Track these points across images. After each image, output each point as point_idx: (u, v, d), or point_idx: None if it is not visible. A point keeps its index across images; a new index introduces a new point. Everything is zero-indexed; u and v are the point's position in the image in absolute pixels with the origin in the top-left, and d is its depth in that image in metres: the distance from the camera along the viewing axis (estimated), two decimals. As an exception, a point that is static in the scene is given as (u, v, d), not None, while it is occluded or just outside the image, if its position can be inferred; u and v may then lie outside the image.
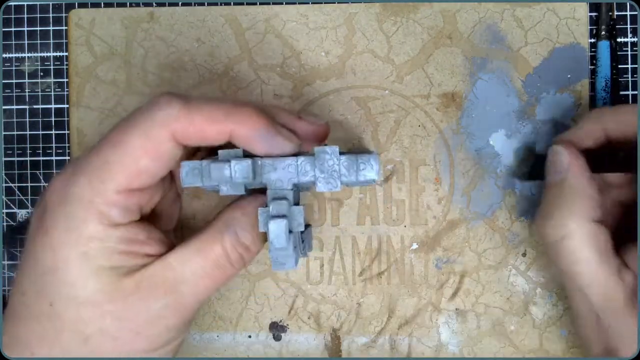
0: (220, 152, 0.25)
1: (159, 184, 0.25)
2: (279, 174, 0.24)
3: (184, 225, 0.32)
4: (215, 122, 0.23)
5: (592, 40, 0.32)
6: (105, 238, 0.23)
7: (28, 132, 0.33)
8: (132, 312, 0.23)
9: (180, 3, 0.32)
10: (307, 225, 0.29)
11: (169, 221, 0.29)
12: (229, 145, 0.25)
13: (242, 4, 0.33)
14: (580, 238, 0.25)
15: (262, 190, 0.25)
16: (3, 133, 0.33)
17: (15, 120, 0.33)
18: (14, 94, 0.33)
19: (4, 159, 0.33)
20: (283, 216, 0.24)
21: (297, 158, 0.24)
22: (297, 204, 0.25)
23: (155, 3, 0.33)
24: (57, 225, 0.23)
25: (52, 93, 0.33)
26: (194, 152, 0.27)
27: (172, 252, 0.24)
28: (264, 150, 0.24)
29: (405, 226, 0.32)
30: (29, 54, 0.33)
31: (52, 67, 0.33)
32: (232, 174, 0.24)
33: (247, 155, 0.25)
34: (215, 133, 0.23)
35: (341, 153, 0.24)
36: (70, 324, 0.23)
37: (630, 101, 0.32)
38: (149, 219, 0.26)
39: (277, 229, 0.23)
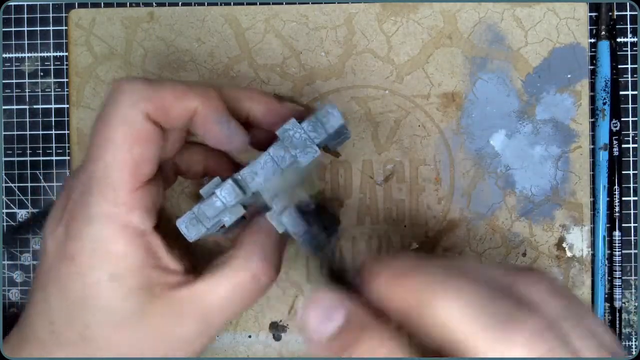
0: (201, 191, 0.25)
1: (159, 178, 0.25)
2: (262, 175, 0.24)
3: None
4: (180, 97, 0.23)
5: (592, 40, 0.32)
6: (131, 253, 0.23)
7: (28, 132, 0.33)
8: (163, 336, 0.24)
9: (180, 3, 0.32)
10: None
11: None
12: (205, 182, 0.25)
13: (242, 4, 0.33)
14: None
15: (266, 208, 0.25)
16: (3, 133, 0.33)
17: (15, 120, 0.33)
18: (14, 94, 0.33)
19: (4, 159, 0.33)
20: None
21: (267, 151, 0.24)
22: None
23: (155, 3, 0.33)
24: (84, 249, 0.23)
25: (52, 93, 0.33)
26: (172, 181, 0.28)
27: (200, 279, 0.25)
28: (217, 135, 0.24)
29: (405, 226, 0.32)
30: (29, 54, 0.33)
31: (52, 67, 0.33)
32: (224, 201, 0.24)
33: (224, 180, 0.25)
34: (181, 109, 0.23)
35: (300, 122, 0.24)
36: (104, 346, 0.23)
37: (630, 101, 0.32)
38: None
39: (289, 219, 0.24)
